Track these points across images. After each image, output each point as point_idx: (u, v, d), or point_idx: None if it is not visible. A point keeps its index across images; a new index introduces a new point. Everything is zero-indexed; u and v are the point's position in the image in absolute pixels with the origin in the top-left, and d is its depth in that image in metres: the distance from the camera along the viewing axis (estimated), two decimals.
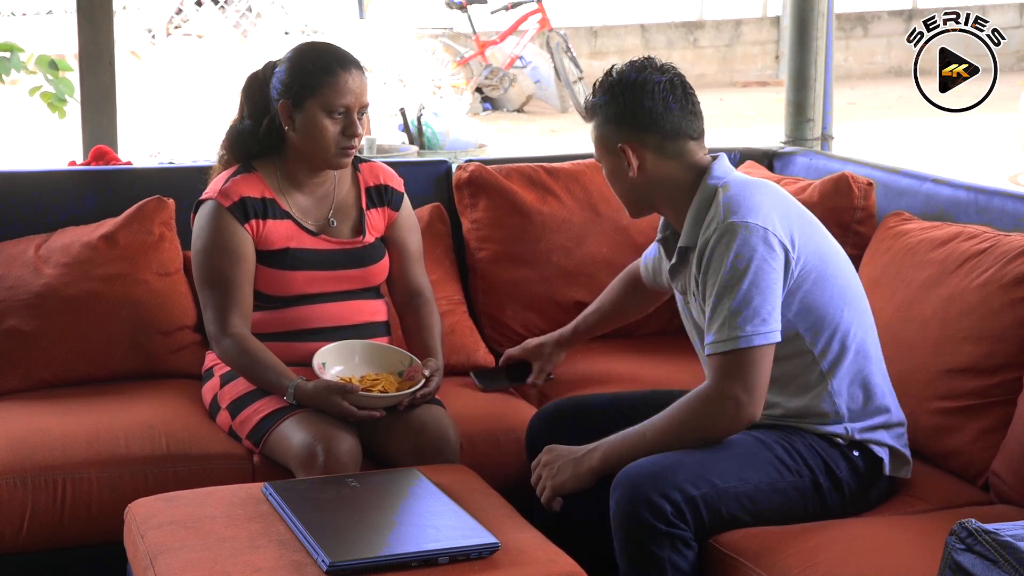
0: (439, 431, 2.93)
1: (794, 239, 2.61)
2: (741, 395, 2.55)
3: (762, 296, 2.56)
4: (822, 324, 2.65)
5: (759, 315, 2.55)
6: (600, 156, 2.77)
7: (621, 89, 2.70)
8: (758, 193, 2.66)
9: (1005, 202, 3.17)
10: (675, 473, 2.51)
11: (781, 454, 2.61)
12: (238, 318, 3.01)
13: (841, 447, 2.66)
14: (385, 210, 3.21)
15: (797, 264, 2.61)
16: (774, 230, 2.58)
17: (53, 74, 4.76)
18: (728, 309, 2.55)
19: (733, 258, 2.56)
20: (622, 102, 2.69)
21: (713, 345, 2.58)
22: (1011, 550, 1.67)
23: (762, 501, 2.57)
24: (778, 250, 2.58)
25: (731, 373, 2.56)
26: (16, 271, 3.30)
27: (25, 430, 2.98)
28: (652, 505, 2.48)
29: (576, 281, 3.62)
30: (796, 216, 2.68)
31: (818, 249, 2.67)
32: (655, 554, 2.48)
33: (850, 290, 2.71)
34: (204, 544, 2.41)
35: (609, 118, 2.71)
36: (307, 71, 3.03)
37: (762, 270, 2.56)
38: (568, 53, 11.41)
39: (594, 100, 2.74)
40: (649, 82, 2.69)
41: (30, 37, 8.68)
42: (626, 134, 2.70)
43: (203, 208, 3.08)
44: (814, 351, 2.65)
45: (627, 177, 2.73)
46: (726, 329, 2.56)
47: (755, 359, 2.56)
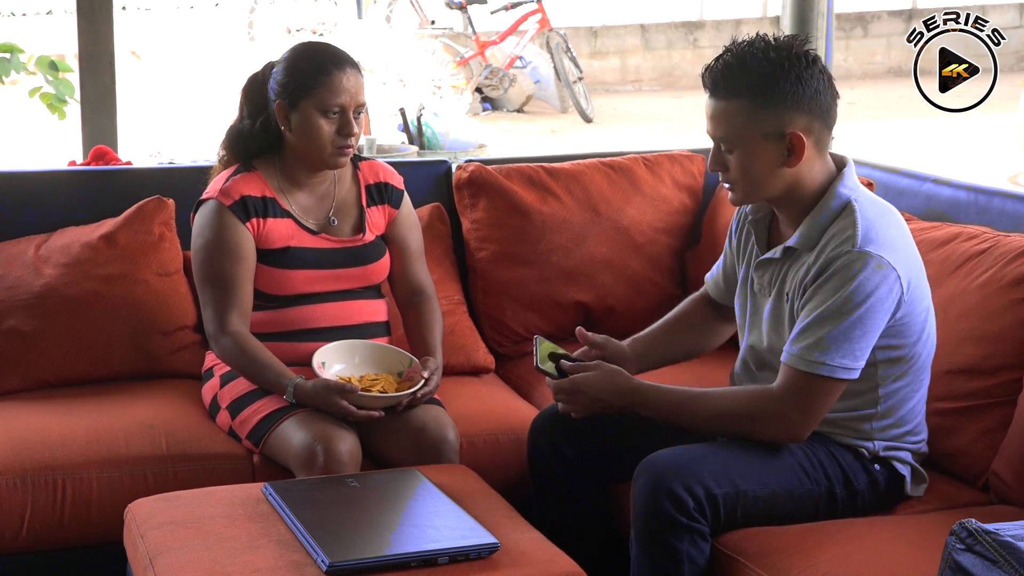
0: (439, 431, 2.93)
1: (911, 283, 2.55)
2: (798, 417, 2.52)
3: (863, 333, 2.49)
4: (896, 359, 2.61)
5: (852, 351, 2.49)
6: (749, 140, 2.53)
7: (799, 67, 2.50)
8: (892, 226, 2.58)
9: (1005, 202, 3.17)
10: (700, 468, 2.48)
11: (802, 460, 2.59)
12: (237, 317, 3.01)
13: (864, 460, 2.64)
14: (385, 208, 3.21)
15: (905, 307, 2.55)
16: (899, 274, 2.51)
17: (53, 75, 4.76)
18: (828, 333, 2.48)
19: (854, 288, 2.47)
20: (807, 82, 2.51)
21: (795, 357, 2.52)
22: (1011, 550, 1.67)
23: (776, 506, 2.55)
24: (895, 296, 2.51)
25: (800, 393, 2.52)
26: (16, 271, 3.30)
27: (25, 430, 2.98)
28: (675, 497, 2.45)
29: (576, 281, 3.62)
30: (915, 254, 2.61)
31: (923, 292, 2.61)
32: (673, 546, 2.46)
33: (929, 322, 2.65)
34: (204, 544, 2.41)
35: (787, 100, 2.49)
36: (302, 71, 3.03)
37: (874, 310, 2.49)
38: (568, 53, 11.40)
39: (766, 77, 2.48)
40: (818, 62, 2.54)
41: (30, 37, 8.68)
42: (804, 121, 2.53)
43: (204, 207, 3.08)
44: (879, 378, 2.61)
45: (776, 168, 2.55)
46: (816, 350, 2.49)
47: (827, 390, 2.51)
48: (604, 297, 3.61)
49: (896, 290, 2.52)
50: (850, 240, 2.51)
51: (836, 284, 2.49)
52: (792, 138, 2.52)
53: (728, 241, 2.86)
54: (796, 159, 2.54)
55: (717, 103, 2.56)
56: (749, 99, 2.51)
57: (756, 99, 2.51)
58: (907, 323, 2.58)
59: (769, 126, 2.52)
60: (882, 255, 2.50)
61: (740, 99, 2.52)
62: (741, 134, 2.53)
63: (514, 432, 3.09)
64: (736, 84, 2.52)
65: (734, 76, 2.52)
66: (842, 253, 2.50)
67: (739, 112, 2.53)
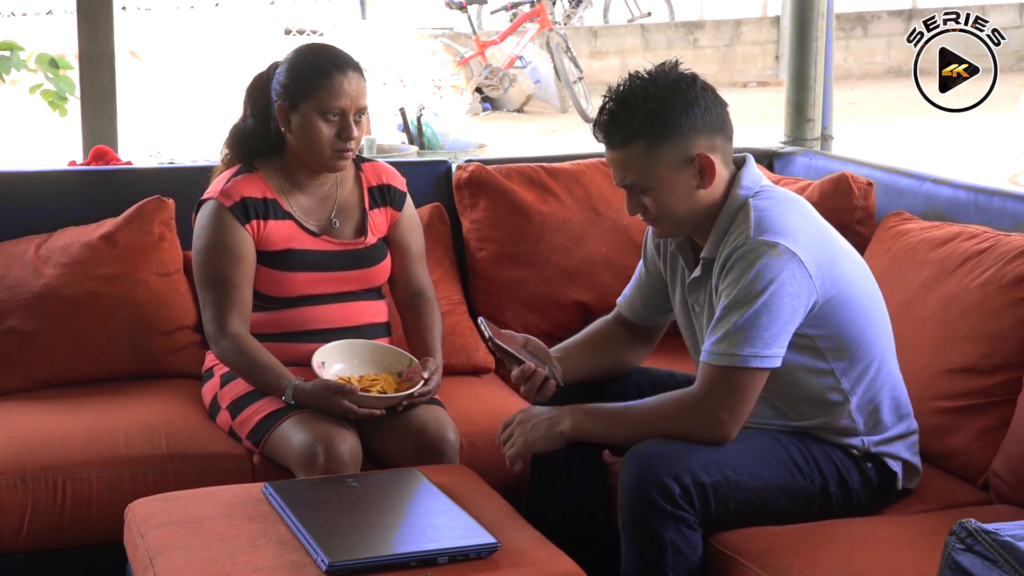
0: (439, 431, 2.93)
1: (821, 266, 2.54)
2: (723, 414, 2.52)
3: (771, 320, 2.49)
4: (844, 345, 2.60)
5: (762, 338, 2.49)
6: (659, 176, 2.55)
7: (682, 92, 2.53)
8: (790, 212, 2.59)
9: (1005, 202, 3.17)
10: (689, 457, 2.49)
11: (796, 456, 2.59)
12: (237, 319, 3.01)
13: (856, 459, 2.64)
14: (388, 210, 3.21)
15: (821, 292, 2.54)
16: (802, 257, 2.51)
17: (54, 72, 4.76)
18: (733, 324, 2.50)
19: (753, 277, 2.49)
20: (694, 104, 2.53)
21: (709, 354, 2.53)
22: (1011, 550, 1.67)
23: (770, 500, 2.55)
24: (801, 279, 2.51)
25: (718, 390, 2.52)
26: (16, 271, 3.30)
27: (25, 430, 2.98)
28: (661, 485, 2.45)
29: (576, 281, 3.62)
30: (824, 238, 2.61)
31: (843, 272, 2.60)
32: (658, 534, 2.46)
33: (873, 308, 2.66)
34: (204, 544, 2.41)
35: (682, 127, 2.52)
36: (303, 73, 3.03)
37: (779, 295, 2.49)
38: (568, 53, 11.40)
39: (654, 114, 2.51)
40: (697, 80, 2.56)
41: (30, 37, 8.66)
42: (704, 140, 2.55)
43: (204, 208, 3.08)
44: (836, 371, 2.61)
45: (692, 193, 2.58)
46: (726, 343, 2.50)
47: (745, 381, 2.51)
48: (604, 297, 3.61)
49: (801, 274, 2.51)
50: (743, 233, 2.54)
51: (736, 276, 2.51)
52: (700, 160, 2.56)
53: (643, 263, 2.87)
54: (710, 179, 2.57)
55: (617, 153, 2.58)
56: (646, 139, 2.54)
57: (653, 137, 2.54)
58: (834, 309, 2.57)
59: (674, 157, 2.55)
60: (778, 241, 2.51)
61: (638, 142, 2.55)
62: (650, 174, 2.56)
63: None
64: (628, 130, 2.55)
65: (624, 123, 2.55)
66: (738, 247, 2.53)
67: (641, 154, 2.55)
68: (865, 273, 2.69)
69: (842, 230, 3.34)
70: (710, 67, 13.81)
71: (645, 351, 2.93)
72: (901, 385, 2.71)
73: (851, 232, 3.40)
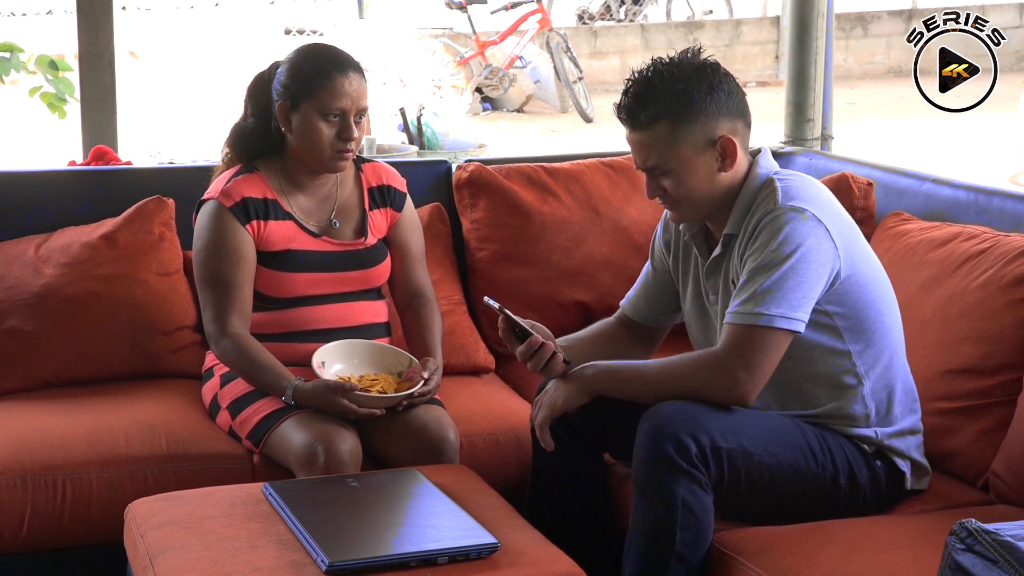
0: (439, 431, 2.93)
1: (845, 240, 2.58)
2: (742, 373, 2.51)
3: (798, 283, 2.50)
4: (862, 327, 2.61)
5: (788, 300, 2.49)
6: (682, 158, 2.58)
7: (707, 76, 2.56)
8: (813, 186, 2.63)
9: (1005, 202, 3.17)
10: (709, 420, 2.48)
11: (812, 443, 2.59)
12: (237, 319, 3.01)
13: (867, 455, 2.64)
14: (388, 211, 3.21)
15: (845, 263, 2.57)
16: (828, 226, 2.54)
17: (53, 74, 4.76)
18: (760, 286, 2.50)
19: (781, 241, 2.50)
20: (718, 88, 2.56)
21: (734, 314, 2.53)
22: (1011, 550, 1.67)
23: (780, 480, 2.55)
24: (827, 247, 2.53)
25: (741, 349, 2.51)
26: (16, 271, 3.30)
27: (25, 430, 2.98)
28: (679, 442, 2.44)
29: (576, 281, 3.62)
30: (843, 218, 2.65)
31: (861, 253, 2.63)
32: (670, 489, 2.45)
33: (889, 296, 2.68)
34: (204, 544, 2.41)
35: (707, 108, 2.55)
36: (304, 74, 3.03)
37: (806, 259, 2.51)
38: (568, 53, 11.40)
39: (680, 95, 2.54)
40: (720, 66, 2.60)
41: (30, 37, 8.67)
42: (727, 124, 2.58)
43: (204, 208, 3.08)
44: (852, 353, 2.62)
45: (714, 176, 2.61)
46: (751, 303, 2.50)
47: (769, 342, 2.51)
48: (604, 297, 3.61)
49: (827, 243, 2.53)
50: (772, 199, 2.56)
51: (765, 239, 2.53)
52: (723, 142, 2.58)
53: (651, 263, 2.89)
54: (731, 162, 2.60)
55: (640, 134, 2.60)
56: (671, 120, 2.56)
57: (678, 117, 2.56)
58: (854, 287, 2.59)
59: (698, 138, 2.57)
60: (806, 208, 2.53)
61: (662, 122, 2.57)
62: (673, 155, 2.58)
63: (514, 432, 3.09)
64: (654, 110, 2.56)
65: (649, 103, 2.56)
66: (767, 212, 2.55)
67: (665, 135, 2.57)
68: (879, 264, 2.72)
69: None
70: None
71: (646, 353, 2.93)
72: (911, 380, 2.72)
73: None
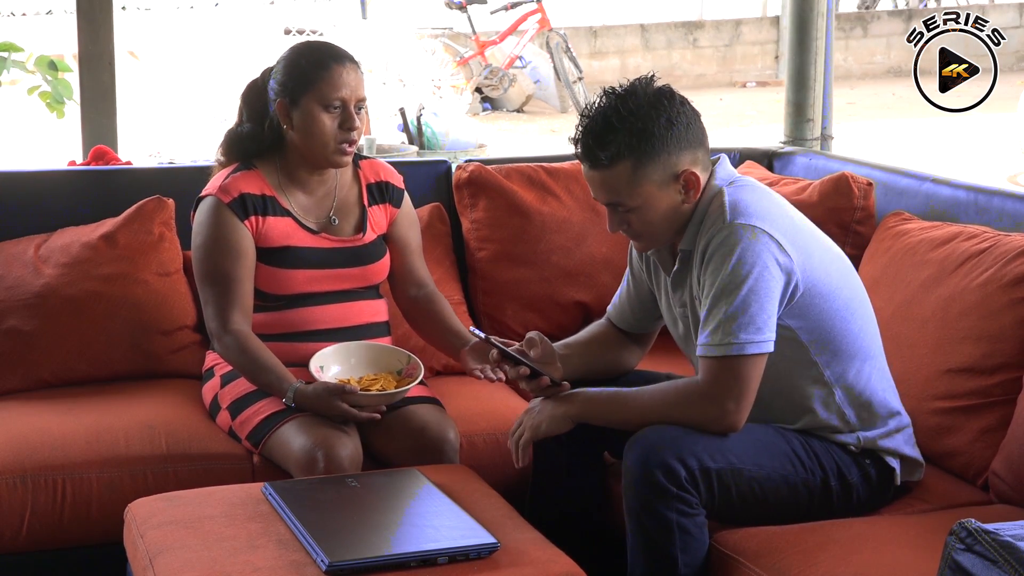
0: (439, 431, 2.93)
1: (798, 251, 2.56)
2: (729, 403, 2.52)
3: (759, 304, 2.50)
4: (827, 337, 2.61)
5: (754, 323, 2.50)
6: (645, 195, 2.55)
7: (663, 108, 2.53)
8: (763, 198, 2.61)
9: (1005, 202, 3.17)
10: (695, 442, 2.49)
11: (798, 449, 2.60)
12: (239, 315, 3.01)
13: (855, 455, 2.65)
14: (387, 207, 3.21)
15: (799, 276, 2.55)
16: (780, 240, 2.53)
17: (52, 75, 4.75)
18: (724, 313, 2.51)
19: (736, 262, 2.50)
20: (676, 119, 2.53)
21: (706, 347, 2.54)
22: (1011, 550, 1.67)
23: (771, 491, 2.56)
24: (781, 260, 2.52)
25: (723, 380, 2.52)
26: (16, 271, 3.30)
27: (25, 430, 2.98)
28: (667, 467, 2.45)
29: (576, 281, 3.62)
30: (799, 227, 2.63)
31: (820, 262, 2.61)
32: (665, 516, 2.46)
33: (854, 299, 2.66)
34: (204, 544, 2.41)
35: (667, 144, 2.51)
36: (301, 68, 3.03)
37: (763, 278, 2.50)
38: (568, 53, 11.41)
39: (639, 133, 2.50)
40: (675, 94, 2.56)
41: (30, 37, 8.67)
42: (688, 156, 2.56)
43: (203, 204, 3.08)
44: (819, 363, 2.62)
45: (677, 208, 2.59)
46: (720, 333, 2.51)
47: (746, 369, 2.51)
48: (604, 297, 3.59)
49: (782, 257, 2.52)
50: (721, 216, 2.54)
51: (719, 261, 2.52)
52: (685, 176, 2.56)
53: (630, 272, 2.88)
54: (695, 193, 2.58)
55: (600, 173, 2.57)
56: (632, 158, 2.53)
57: (639, 156, 2.53)
58: (814, 300, 2.57)
59: (660, 175, 2.55)
60: (754, 224, 2.52)
61: (623, 162, 2.53)
62: (636, 193, 2.55)
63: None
64: (614, 150, 2.53)
65: (608, 143, 2.53)
66: (716, 231, 2.53)
67: (627, 175, 2.54)
68: (846, 267, 2.69)
69: (842, 230, 3.37)
70: (710, 67, 13.83)
71: (640, 353, 2.94)
72: (888, 379, 2.72)
73: (851, 232, 3.40)
